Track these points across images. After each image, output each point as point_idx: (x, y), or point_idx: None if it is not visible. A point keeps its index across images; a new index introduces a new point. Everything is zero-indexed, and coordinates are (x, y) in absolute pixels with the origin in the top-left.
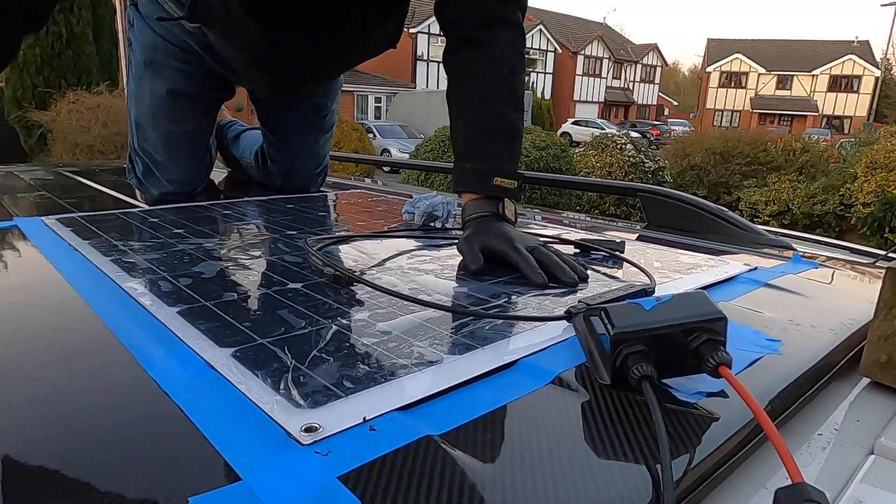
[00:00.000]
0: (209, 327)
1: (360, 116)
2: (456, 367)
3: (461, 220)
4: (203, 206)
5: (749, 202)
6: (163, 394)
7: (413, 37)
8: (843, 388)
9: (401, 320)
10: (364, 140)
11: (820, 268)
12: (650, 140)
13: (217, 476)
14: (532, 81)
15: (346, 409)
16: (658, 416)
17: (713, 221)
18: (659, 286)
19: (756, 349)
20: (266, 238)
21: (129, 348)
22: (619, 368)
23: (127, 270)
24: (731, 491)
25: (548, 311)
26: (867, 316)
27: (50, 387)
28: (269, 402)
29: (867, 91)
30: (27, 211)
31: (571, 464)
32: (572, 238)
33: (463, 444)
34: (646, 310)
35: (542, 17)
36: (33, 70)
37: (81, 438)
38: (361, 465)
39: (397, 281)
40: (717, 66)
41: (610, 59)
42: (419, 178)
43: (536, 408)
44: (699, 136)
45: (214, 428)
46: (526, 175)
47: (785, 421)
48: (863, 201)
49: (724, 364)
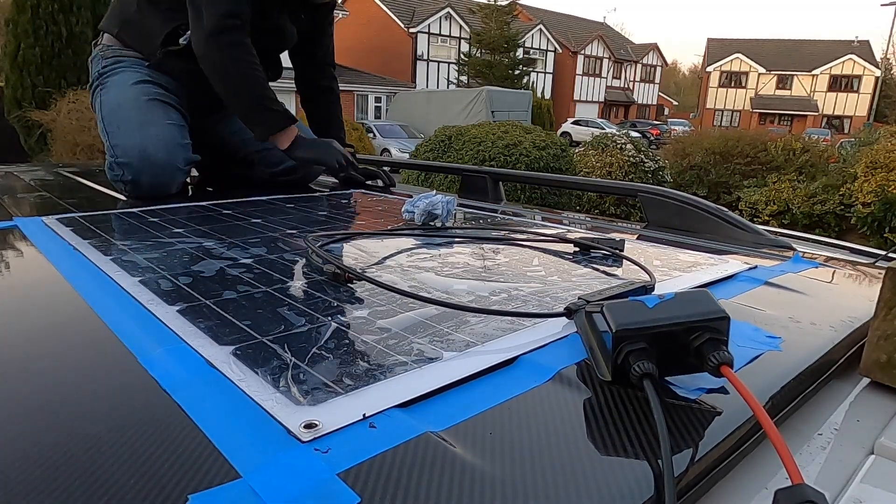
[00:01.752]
0: (209, 325)
1: (360, 116)
2: (456, 364)
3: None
4: (203, 206)
5: (749, 202)
6: (163, 392)
7: (413, 37)
8: (843, 387)
9: (400, 317)
10: (364, 140)
11: (820, 267)
12: (650, 140)
13: (217, 473)
14: (532, 81)
15: (345, 406)
16: (659, 413)
17: (713, 221)
18: (659, 284)
19: (756, 346)
20: (266, 237)
21: (129, 347)
22: (621, 365)
23: (127, 269)
24: (731, 490)
25: (548, 307)
26: (867, 314)
27: (50, 385)
28: (268, 399)
29: (867, 91)
30: (27, 211)
31: (572, 460)
32: (572, 237)
33: (463, 441)
34: (648, 307)
35: (542, 17)
36: (33, 70)
37: (82, 437)
38: (361, 461)
39: (397, 278)
40: (717, 65)
41: (610, 58)
42: (419, 178)
43: (537, 404)
44: (699, 135)
45: (214, 425)
46: (526, 175)
47: (785, 419)
48: (863, 201)
49: (726, 363)
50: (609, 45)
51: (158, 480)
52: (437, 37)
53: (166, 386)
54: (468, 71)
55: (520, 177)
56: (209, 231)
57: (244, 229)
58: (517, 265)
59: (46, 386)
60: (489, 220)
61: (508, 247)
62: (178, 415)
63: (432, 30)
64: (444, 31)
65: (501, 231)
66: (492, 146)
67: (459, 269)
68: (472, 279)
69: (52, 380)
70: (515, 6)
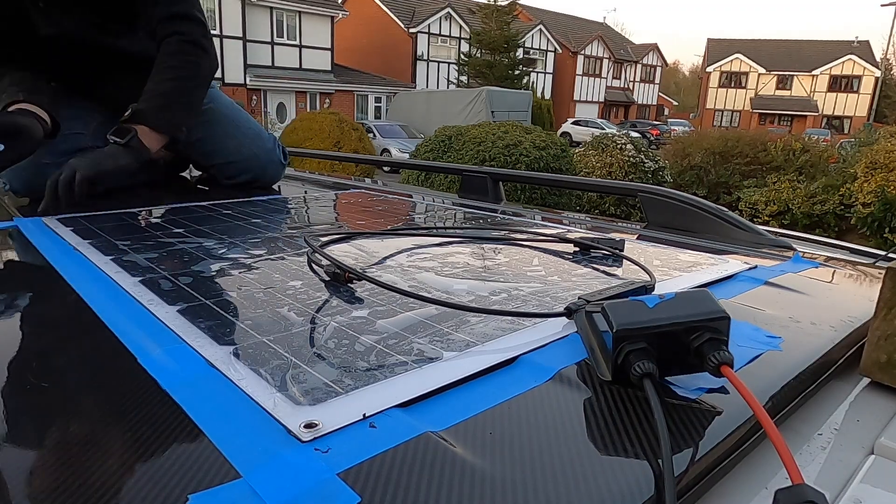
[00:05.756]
0: (209, 325)
1: (360, 116)
2: (456, 364)
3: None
4: (203, 206)
5: (749, 202)
6: (163, 392)
7: (413, 37)
8: (843, 387)
9: (400, 317)
10: (364, 140)
11: (820, 267)
12: (650, 140)
13: (217, 473)
14: (532, 81)
15: (346, 406)
16: (659, 413)
17: (713, 221)
18: (659, 284)
19: (756, 346)
20: (266, 237)
21: (128, 347)
22: (621, 365)
23: (127, 269)
24: (731, 490)
25: (548, 307)
26: (867, 314)
27: (50, 386)
28: (269, 399)
29: (867, 91)
30: (27, 211)
31: (572, 460)
32: (572, 237)
33: (463, 440)
34: (649, 307)
35: (542, 17)
36: None
37: (81, 437)
38: (361, 461)
39: (397, 278)
40: (717, 66)
41: (610, 59)
42: (419, 178)
43: (537, 404)
44: (699, 136)
45: (214, 425)
46: (526, 175)
47: (785, 419)
48: (862, 201)
49: (726, 363)
50: (609, 45)
51: (158, 480)
52: (437, 37)
53: (166, 386)
54: (468, 71)
55: (520, 177)
56: (209, 231)
57: (244, 229)
58: (517, 265)
59: (46, 386)
60: (489, 220)
61: (508, 247)
62: (178, 415)
63: (432, 30)
64: (444, 31)
65: (501, 231)
66: (492, 146)
67: (459, 269)
68: (472, 279)
69: (51, 380)
70: (515, 6)
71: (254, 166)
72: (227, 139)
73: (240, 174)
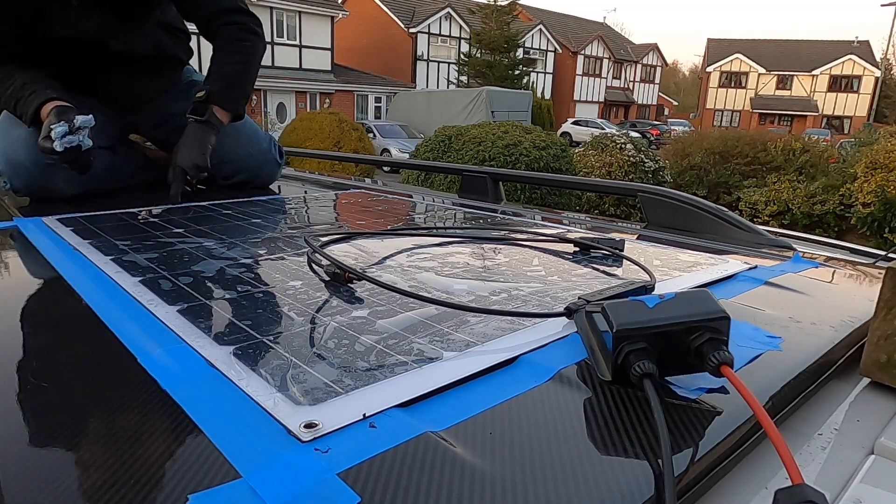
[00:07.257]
0: (209, 325)
1: (360, 116)
2: (456, 364)
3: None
4: (203, 206)
5: (749, 202)
6: (163, 392)
7: (413, 37)
8: (843, 387)
9: (400, 317)
10: (364, 140)
11: (820, 267)
12: (650, 140)
13: (217, 473)
14: (532, 81)
15: (345, 405)
16: (659, 412)
17: (713, 221)
18: (659, 284)
19: (757, 346)
20: (266, 237)
21: (128, 347)
22: (621, 365)
23: (127, 270)
24: (731, 490)
25: (548, 307)
26: (867, 314)
27: (50, 385)
28: (269, 399)
29: (867, 91)
30: (27, 211)
31: (572, 460)
32: (572, 237)
33: (463, 440)
34: (649, 307)
35: (542, 17)
36: None
37: (81, 436)
38: (361, 461)
39: (397, 278)
40: (717, 66)
41: (610, 59)
42: (419, 178)
43: (537, 404)
44: (699, 136)
45: (214, 425)
46: (526, 175)
47: (785, 419)
48: (862, 201)
49: (726, 363)
50: (609, 45)
51: (158, 480)
52: (437, 37)
53: (166, 386)
54: (468, 71)
55: (520, 177)
56: (209, 231)
57: (244, 229)
58: (517, 265)
59: (46, 386)
60: (489, 220)
61: (508, 247)
62: (178, 415)
63: (432, 30)
64: (444, 31)
65: (501, 231)
66: (492, 146)
67: (459, 269)
68: (472, 279)
69: (52, 380)
70: (515, 6)
71: (250, 166)
72: (223, 139)
73: (236, 174)
